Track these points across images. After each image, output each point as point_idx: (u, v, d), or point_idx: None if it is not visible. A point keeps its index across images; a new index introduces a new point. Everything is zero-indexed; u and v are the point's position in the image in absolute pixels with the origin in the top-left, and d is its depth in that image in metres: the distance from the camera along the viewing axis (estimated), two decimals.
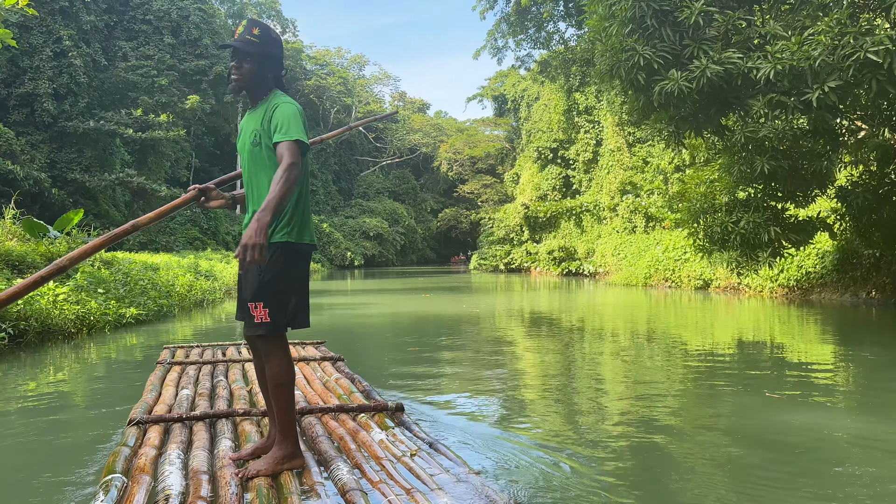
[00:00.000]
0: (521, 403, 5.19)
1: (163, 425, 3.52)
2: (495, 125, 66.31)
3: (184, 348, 6.12)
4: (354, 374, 4.91)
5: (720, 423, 4.49)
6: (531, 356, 7.79)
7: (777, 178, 10.82)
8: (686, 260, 18.92)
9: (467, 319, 12.18)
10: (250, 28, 2.95)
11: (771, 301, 14.38)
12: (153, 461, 2.94)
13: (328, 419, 3.64)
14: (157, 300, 11.40)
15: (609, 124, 31.30)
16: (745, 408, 4.86)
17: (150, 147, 28.03)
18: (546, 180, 37.31)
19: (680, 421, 4.53)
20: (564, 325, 11.30)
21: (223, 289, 16.69)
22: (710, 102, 7.40)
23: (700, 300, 15.56)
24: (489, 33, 36.88)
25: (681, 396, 5.37)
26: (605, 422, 4.51)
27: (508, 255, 38.30)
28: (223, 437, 3.30)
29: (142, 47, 29.89)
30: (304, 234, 2.90)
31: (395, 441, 3.24)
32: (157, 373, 4.99)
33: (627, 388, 5.76)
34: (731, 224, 11.35)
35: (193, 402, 4.14)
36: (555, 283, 25.67)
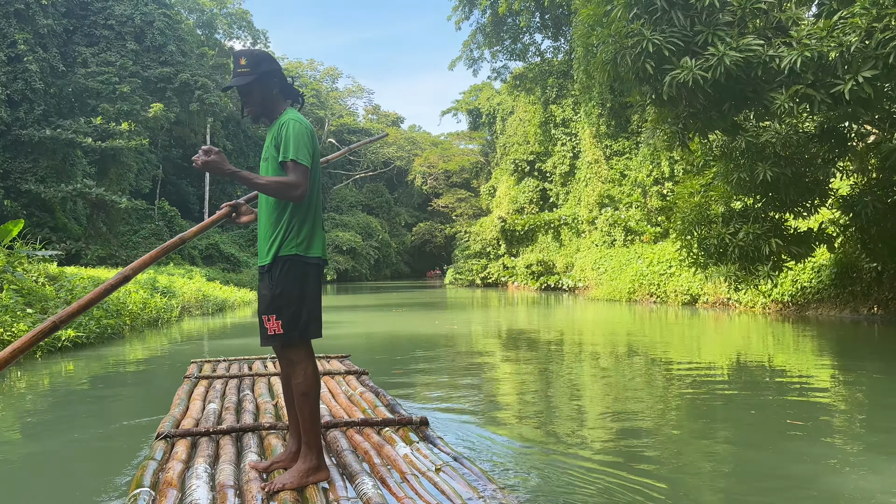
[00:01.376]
0: (540, 420, 5.09)
1: (190, 439, 3.53)
2: (470, 139, 65.78)
3: (210, 362, 6.16)
4: (379, 388, 4.88)
5: (730, 458, 4.14)
6: (533, 378, 6.88)
7: (779, 187, 10.10)
8: (671, 274, 18.20)
9: (444, 341, 11.23)
10: (237, 60, 3.00)
11: (764, 317, 13.66)
12: (180, 475, 2.96)
13: (353, 433, 3.64)
14: (101, 320, 10.27)
15: (586, 136, 30.72)
16: (756, 440, 4.47)
17: (110, 157, 26.67)
18: (523, 193, 36.60)
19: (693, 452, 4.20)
20: (554, 347, 10.39)
21: (181, 306, 15.52)
22: (725, 96, 6.60)
23: (688, 316, 14.80)
24: (464, 44, 36.29)
25: (691, 423, 5.00)
26: (628, 438, 4.46)
27: (485, 270, 37.43)
28: (249, 451, 3.32)
29: (103, 53, 28.60)
30: (312, 248, 2.95)
31: (419, 456, 3.21)
32: (185, 387, 5.02)
33: (627, 411, 5.38)
34: (728, 236, 10.59)
35: (220, 416, 4.17)
36: (534, 299, 24.83)
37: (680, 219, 11.39)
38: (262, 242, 2.99)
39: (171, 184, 50.34)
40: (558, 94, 35.62)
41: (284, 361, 3.01)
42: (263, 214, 3.00)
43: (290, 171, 2.83)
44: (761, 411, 5.33)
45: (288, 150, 2.84)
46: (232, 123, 52.87)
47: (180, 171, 51.30)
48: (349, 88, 74.85)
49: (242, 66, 2.97)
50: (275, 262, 2.91)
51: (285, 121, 2.94)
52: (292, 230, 2.90)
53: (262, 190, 2.86)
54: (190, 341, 11.42)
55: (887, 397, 6.03)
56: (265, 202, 2.99)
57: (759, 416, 5.16)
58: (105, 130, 26.26)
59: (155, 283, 16.01)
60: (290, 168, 2.83)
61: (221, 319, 15.91)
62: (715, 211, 10.96)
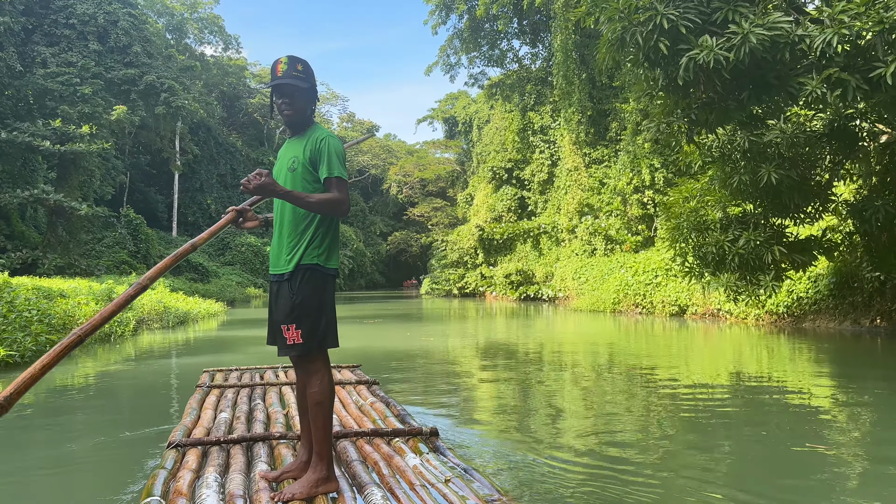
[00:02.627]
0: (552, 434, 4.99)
1: (200, 448, 3.52)
2: (446, 147, 65.18)
3: (223, 371, 6.13)
4: (389, 398, 4.84)
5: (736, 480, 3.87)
6: (522, 395, 6.05)
7: (781, 191, 9.42)
8: (658, 284, 17.52)
9: (420, 356, 10.36)
10: (294, 65, 3.02)
11: (757, 329, 12.99)
12: (190, 484, 2.97)
13: (363, 443, 3.63)
14: (40, 336, 9.23)
15: (566, 143, 30.13)
16: (761, 461, 4.22)
17: (70, 162, 25.36)
18: (501, 201, 35.89)
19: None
20: (543, 362, 9.55)
21: (137, 319, 14.42)
22: (743, 83, 5.87)
23: (677, 328, 14.10)
24: (441, 49, 35.58)
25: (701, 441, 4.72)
26: (632, 449, 4.47)
27: (462, 279, 36.57)
28: (259, 461, 3.33)
29: (63, 53, 27.32)
30: (331, 259, 3.03)
31: (429, 467, 3.21)
32: (197, 396, 5.00)
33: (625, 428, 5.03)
34: (727, 244, 9.88)
35: (231, 425, 4.15)
36: (513, 309, 24.03)
37: (673, 225, 10.66)
38: (281, 251, 3.01)
39: (138, 191, 48.80)
40: (536, 100, 35.06)
41: (301, 371, 3.05)
42: (287, 224, 3.00)
43: (335, 187, 2.90)
44: (762, 429, 5.04)
45: (333, 167, 2.91)
46: (202, 130, 51.57)
47: (148, 179, 49.79)
48: (323, 96, 73.78)
49: (299, 72, 3.01)
50: (296, 270, 2.94)
51: (324, 136, 2.98)
52: (315, 240, 2.96)
53: (312, 208, 2.89)
54: (141, 360, 10.41)
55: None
56: (291, 212, 3.00)
57: (761, 434, 4.87)
58: (65, 133, 24.97)
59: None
60: (335, 185, 2.90)
61: (183, 333, 14.85)
62: (712, 217, 10.25)
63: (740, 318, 14.35)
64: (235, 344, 12.72)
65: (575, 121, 29.52)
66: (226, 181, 54.47)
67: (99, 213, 25.68)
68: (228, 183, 54.59)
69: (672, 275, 17.29)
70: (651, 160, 26.17)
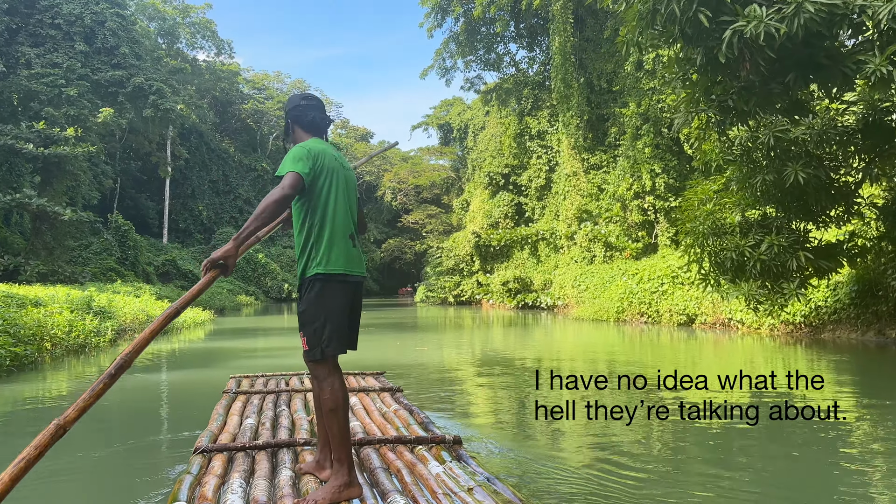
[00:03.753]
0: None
1: (226, 454, 3.56)
2: (441, 154, 64.58)
3: (249, 378, 6.12)
4: (413, 406, 4.81)
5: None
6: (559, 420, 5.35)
7: (807, 192, 8.76)
8: (664, 292, 16.82)
9: (415, 372, 9.62)
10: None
11: (772, 340, 12.31)
12: (216, 490, 2.99)
13: (386, 451, 3.63)
14: (2, 349, 8.45)
15: (565, 147, 29.49)
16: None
17: (55, 165, 24.51)
18: (497, 207, 35.20)
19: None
20: (558, 374, 8.81)
21: (117, 328, 13.63)
22: (791, 63, 5.18)
23: (686, 338, 13.40)
24: (437, 52, 34.94)
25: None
26: (652, 463, 4.39)
27: (458, 287, 35.81)
28: (284, 467, 3.34)
29: (49, 54, 26.51)
30: (331, 263, 3.05)
31: (452, 475, 3.18)
32: (223, 402, 5.00)
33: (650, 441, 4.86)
34: (748, 249, 9.21)
35: (256, 431, 4.17)
36: (511, 318, 23.30)
37: (688, 229, 9.98)
38: (297, 264, 3.15)
39: (129, 197, 47.91)
40: (534, 105, 34.47)
41: (312, 376, 3.12)
42: (295, 239, 3.21)
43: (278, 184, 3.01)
44: (785, 447, 4.80)
45: (280, 169, 3.02)
46: (194, 135, 50.76)
47: (139, 185, 48.90)
48: None
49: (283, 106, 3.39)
50: (302, 283, 3.10)
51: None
52: (312, 250, 3.06)
53: (264, 221, 2.89)
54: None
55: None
56: (295, 228, 3.19)
57: (787, 452, 4.64)
58: (49, 136, 24.15)
59: (91, 301, 14.11)
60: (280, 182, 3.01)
61: (167, 344, 14.06)
62: (730, 220, 9.57)
63: (753, 327, 13.67)
64: (221, 356, 11.96)
65: (574, 125, 28.91)
66: (218, 187, 53.61)
67: (84, 219, 24.81)
68: (220, 189, 53.74)
69: (679, 283, 16.62)
70: (652, 165, 25.57)
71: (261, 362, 10.46)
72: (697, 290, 15.58)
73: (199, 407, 6.46)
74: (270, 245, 55.41)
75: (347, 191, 3.18)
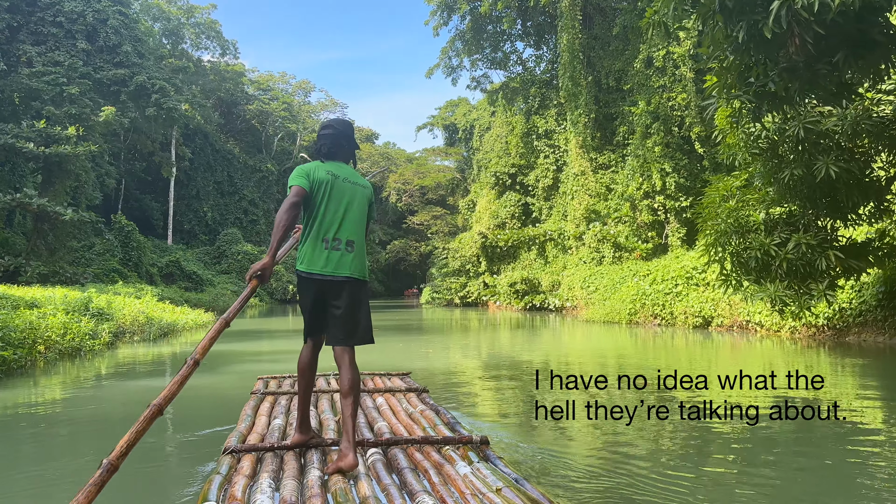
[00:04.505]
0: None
1: (255, 454, 3.58)
2: (446, 154, 64.20)
3: (276, 379, 6.19)
4: (439, 406, 4.77)
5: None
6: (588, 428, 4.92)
7: (837, 188, 8.29)
8: (678, 293, 16.33)
9: (419, 378, 9.18)
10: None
11: (793, 343, 11.83)
12: (245, 489, 3.01)
13: (413, 451, 3.63)
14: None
15: (573, 146, 29.01)
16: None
17: (55, 165, 24.16)
18: (504, 207, 34.73)
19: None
20: (580, 377, 8.35)
21: (115, 330, 13.22)
22: (841, 41, 4.72)
23: (703, 341, 12.92)
24: (443, 51, 34.55)
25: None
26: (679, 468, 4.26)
27: (464, 288, 35.34)
28: (312, 467, 3.35)
29: (50, 52, 26.18)
30: (304, 263, 3.56)
31: (479, 476, 3.17)
32: (251, 403, 5.01)
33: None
34: (773, 248, 8.73)
35: (284, 431, 4.19)
36: (519, 320, 22.83)
37: (710, 228, 9.50)
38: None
39: (133, 199, 47.57)
40: (541, 104, 34.01)
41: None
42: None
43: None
44: (811, 457, 4.60)
45: (289, 183, 3.65)
46: (199, 136, 50.44)
47: (143, 186, 48.57)
48: (322, 102, 72.72)
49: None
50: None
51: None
52: (301, 251, 3.61)
53: (279, 227, 3.44)
54: (103, 380, 9.22)
55: None
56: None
57: (814, 463, 4.45)
58: (50, 135, 23.79)
59: (89, 303, 13.72)
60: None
61: (167, 347, 13.65)
62: (755, 218, 9.09)
63: (773, 330, 13.18)
64: (224, 360, 11.54)
65: (581, 123, 28.44)
66: (223, 188, 53.27)
67: (85, 219, 24.42)
68: (225, 190, 53.40)
69: (693, 284, 16.14)
70: (662, 164, 25.10)
71: (266, 367, 10.05)
72: (713, 292, 15.10)
73: (205, 416, 6.07)
74: None
75: (340, 201, 3.60)
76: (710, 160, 24.71)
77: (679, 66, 25.43)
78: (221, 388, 8.18)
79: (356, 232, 3.60)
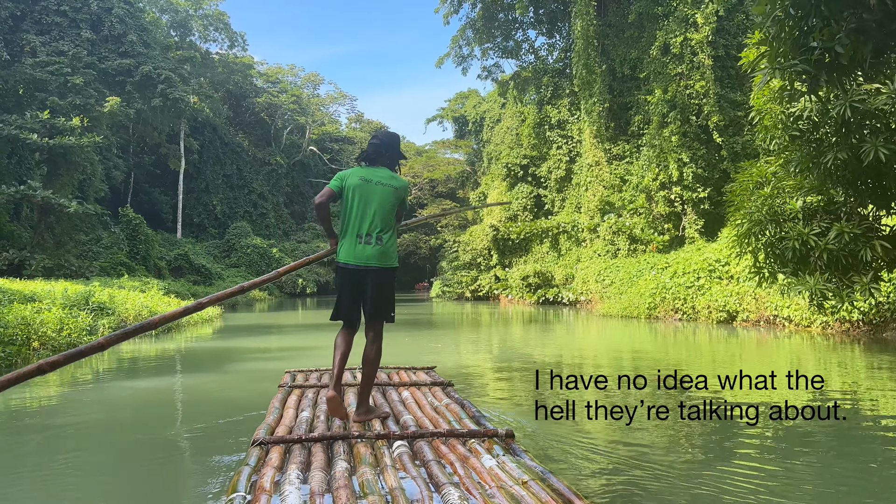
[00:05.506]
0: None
1: (283, 446, 3.65)
2: (455, 147, 63.62)
3: (303, 372, 6.23)
4: (464, 400, 4.80)
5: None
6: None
7: (882, 172, 7.66)
8: (700, 287, 15.69)
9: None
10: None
11: (825, 339, 11.20)
12: (273, 480, 3.06)
13: (438, 444, 3.67)
14: None
15: (587, 136, 28.34)
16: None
17: (60, 156, 23.76)
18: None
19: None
20: (604, 372, 7.78)
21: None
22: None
23: (728, 337, 12.30)
24: (453, 39, 33.88)
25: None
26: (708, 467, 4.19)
27: (475, 282, 34.77)
28: (339, 459, 3.40)
29: (54, 42, 25.74)
30: (340, 255, 4.24)
31: (505, 468, 3.18)
32: (279, 395, 5.09)
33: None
34: (813, 238, 8.11)
35: (312, 423, 4.23)
36: (532, 314, 22.26)
37: (743, 217, 8.88)
38: None
39: (143, 192, 47.26)
40: (554, 94, 33.32)
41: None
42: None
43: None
44: (854, 464, 4.27)
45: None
46: (208, 129, 50.06)
47: (153, 179, 48.24)
48: (331, 95, 72.24)
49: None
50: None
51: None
52: (339, 245, 4.26)
53: (318, 219, 4.42)
54: (90, 383, 8.73)
55: None
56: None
57: (856, 470, 4.13)
58: (54, 126, 23.37)
59: (89, 297, 13.26)
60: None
61: (170, 342, 13.18)
62: (792, 206, 8.46)
63: (802, 325, 12.55)
64: (229, 357, 11.04)
65: (596, 112, 27.75)
66: (232, 182, 52.88)
67: (90, 211, 24.04)
68: (234, 184, 53.02)
69: (716, 277, 15.50)
70: (679, 154, 24.42)
71: (274, 365, 9.55)
72: (738, 285, 14.47)
73: (209, 424, 5.58)
74: (284, 239, 54.71)
75: (369, 201, 4.17)
76: (729, 150, 24.03)
77: (697, 53, 24.69)
78: (221, 393, 7.67)
79: (384, 227, 4.16)
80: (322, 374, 6.21)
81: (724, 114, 24.07)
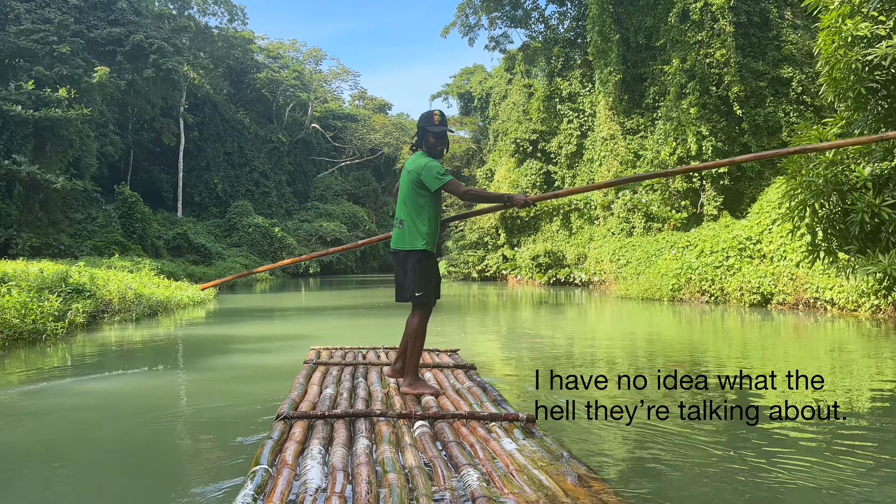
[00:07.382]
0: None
1: (306, 421, 3.69)
2: (461, 124, 62.14)
3: (328, 350, 6.26)
4: (486, 383, 4.82)
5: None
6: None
7: None
8: (730, 267, 14.48)
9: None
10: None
11: (874, 324, 10.03)
12: (296, 455, 3.12)
13: (459, 425, 3.68)
14: None
15: (601, 108, 26.99)
16: None
17: (47, 129, 22.57)
18: (525, 176, 32.83)
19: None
20: (636, 358, 6.64)
21: (92, 310, 11.64)
22: None
23: (765, 321, 11.15)
24: (460, 7, 32.45)
25: None
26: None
27: (482, 262, 33.65)
28: (361, 436, 3.42)
29: (40, 9, 24.45)
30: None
31: (525, 452, 3.21)
32: (304, 371, 5.16)
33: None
34: (886, 210, 6.93)
35: (335, 400, 4.32)
36: (543, 295, 21.12)
37: (797, 186, 7.69)
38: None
39: (143, 170, 46.08)
40: (564, 65, 31.90)
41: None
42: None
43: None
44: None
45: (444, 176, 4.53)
46: (208, 105, 48.75)
47: (153, 157, 47.05)
48: (334, 71, 70.67)
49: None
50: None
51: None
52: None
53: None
54: (42, 380, 7.62)
55: None
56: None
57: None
58: (39, 98, 22.17)
59: (66, 278, 12.15)
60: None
61: (154, 328, 12.09)
62: (859, 173, 7.27)
63: (848, 309, 11.37)
64: (212, 345, 9.95)
65: (612, 83, 26.37)
66: (233, 159, 51.60)
67: (78, 188, 22.91)
68: (235, 161, 51.75)
69: (747, 256, 14.30)
70: (698, 126, 23.07)
71: (274, 362, 8.46)
72: (772, 265, 13.28)
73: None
74: (287, 219, 53.58)
75: (401, 190, 4.57)
76: (750, 122, 22.70)
77: (718, 19, 23.26)
78: (215, 395, 6.57)
79: (405, 212, 4.47)
80: (346, 352, 6.22)
81: (745, 84, 22.68)
